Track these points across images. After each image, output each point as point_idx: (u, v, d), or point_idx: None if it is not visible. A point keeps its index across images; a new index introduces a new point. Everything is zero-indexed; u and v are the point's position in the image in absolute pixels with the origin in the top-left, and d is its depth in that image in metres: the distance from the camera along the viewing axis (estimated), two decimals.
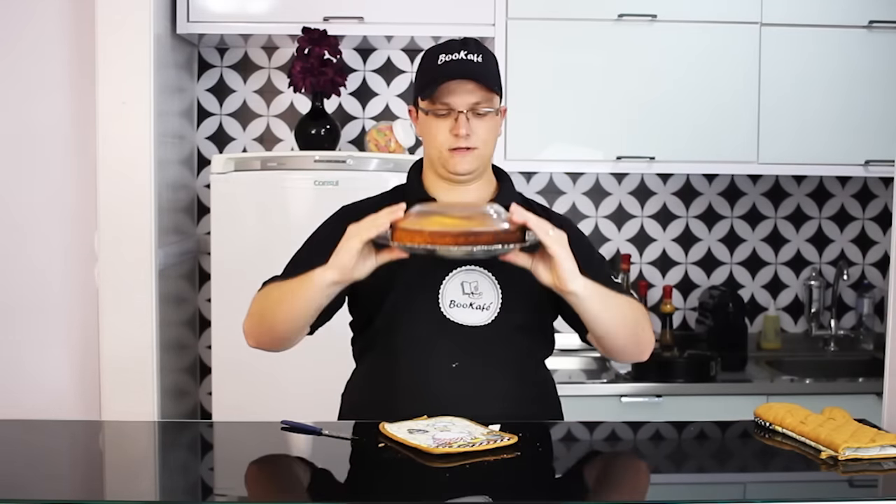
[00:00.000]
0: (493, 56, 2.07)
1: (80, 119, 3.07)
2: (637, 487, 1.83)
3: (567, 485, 1.78)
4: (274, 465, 1.88)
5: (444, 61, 1.99)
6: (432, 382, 2.01)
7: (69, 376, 3.15)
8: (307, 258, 2.06)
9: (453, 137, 2.00)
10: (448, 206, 1.99)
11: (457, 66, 1.98)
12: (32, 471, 1.79)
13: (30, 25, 3.07)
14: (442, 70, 1.99)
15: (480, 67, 2.00)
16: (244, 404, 2.96)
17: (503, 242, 1.82)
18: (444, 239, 1.79)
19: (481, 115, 2.00)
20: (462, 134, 1.99)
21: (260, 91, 3.56)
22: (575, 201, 3.66)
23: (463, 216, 1.86)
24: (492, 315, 2.04)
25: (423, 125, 2.05)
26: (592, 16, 3.27)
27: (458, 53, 1.99)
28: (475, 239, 1.80)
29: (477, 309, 2.04)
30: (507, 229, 1.83)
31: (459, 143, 1.99)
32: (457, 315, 2.03)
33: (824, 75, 3.33)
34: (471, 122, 2.00)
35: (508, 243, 1.83)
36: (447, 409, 1.96)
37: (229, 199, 2.97)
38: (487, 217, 1.87)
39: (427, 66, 2.03)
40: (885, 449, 1.82)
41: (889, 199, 3.72)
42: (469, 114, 1.99)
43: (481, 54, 2.01)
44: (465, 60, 1.99)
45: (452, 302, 2.04)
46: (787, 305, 3.76)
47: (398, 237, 1.84)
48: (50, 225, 3.12)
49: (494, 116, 2.03)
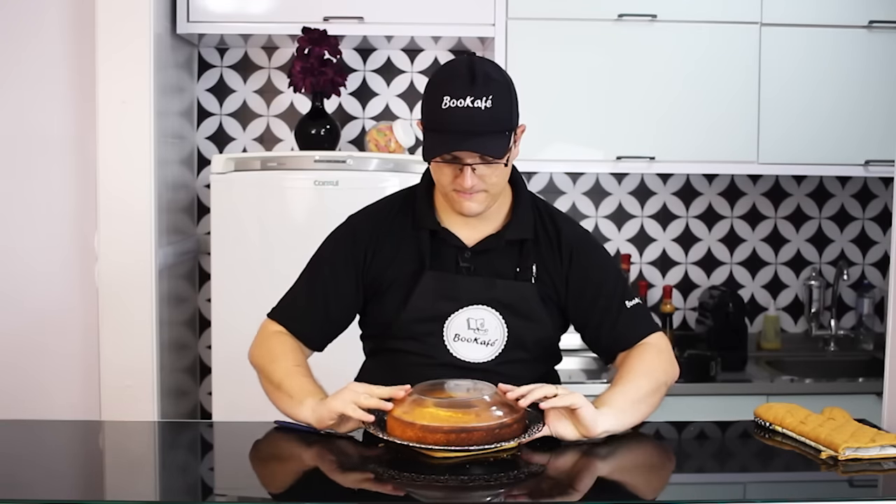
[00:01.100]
0: (504, 85, 1.90)
1: (80, 119, 3.06)
2: (638, 488, 1.83)
3: (567, 485, 1.78)
4: (274, 465, 1.88)
5: (448, 106, 1.84)
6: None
7: (69, 376, 3.14)
8: (316, 278, 2.07)
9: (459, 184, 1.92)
10: (447, 393, 1.87)
11: (463, 119, 1.84)
12: (32, 471, 1.79)
13: (30, 25, 3.07)
14: (447, 121, 1.85)
15: (488, 117, 1.85)
16: (244, 404, 2.94)
17: (498, 440, 1.78)
18: (435, 436, 1.77)
19: (489, 162, 1.90)
20: (467, 186, 1.91)
21: (260, 91, 3.56)
22: (575, 201, 3.66)
23: (459, 406, 1.81)
24: (496, 351, 2.02)
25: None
26: (592, 16, 3.27)
27: (463, 99, 1.84)
28: (467, 437, 1.77)
29: (481, 344, 2.02)
30: (503, 422, 1.79)
31: (465, 190, 1.92)
32: (460, 349, 2.01)
33: (824, 75, 3.33)
34: (478, 169, 1.90)
35: (503, 440, 1.79)
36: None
37: (229, 199, 2.97)
38: (485, 407, 1.82)
39: (432, 105, 1.88)
40: (885, 449, 1.82)
41: (889, 199, 3.72)
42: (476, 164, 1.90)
43: (490, 96, 1.85)
44: (472, 109, 1.84)
45: (457, 336, 2.01)
46: (787, 305, 3.76)
47: (390, 427, 1.82)
48: (50, 225, 3.12)
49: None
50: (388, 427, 1.83)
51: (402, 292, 1.99)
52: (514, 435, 1.81)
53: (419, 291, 1.99)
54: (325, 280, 2.06)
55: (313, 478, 1.81)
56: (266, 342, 2.09)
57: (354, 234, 2.06)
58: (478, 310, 2.01)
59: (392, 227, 2.05)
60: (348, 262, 2.04)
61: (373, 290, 2.05)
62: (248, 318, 2.99)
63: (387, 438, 1.82)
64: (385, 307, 2.03)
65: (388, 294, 2.02)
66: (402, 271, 2.02)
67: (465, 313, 2.01)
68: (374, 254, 2.03)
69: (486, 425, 1.78)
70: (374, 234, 2.04)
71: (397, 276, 2.02)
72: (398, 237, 2.04)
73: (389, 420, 1.84)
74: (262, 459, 1.90)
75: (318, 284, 2.07)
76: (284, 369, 2.00)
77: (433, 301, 1.99)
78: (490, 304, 2.01)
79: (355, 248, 2.04)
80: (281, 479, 1.80)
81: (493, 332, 2.01)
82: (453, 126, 1.85)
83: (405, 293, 1.99)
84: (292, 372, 1.99)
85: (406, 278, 2.01)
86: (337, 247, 2.08)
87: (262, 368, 2.06)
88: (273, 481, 1.79)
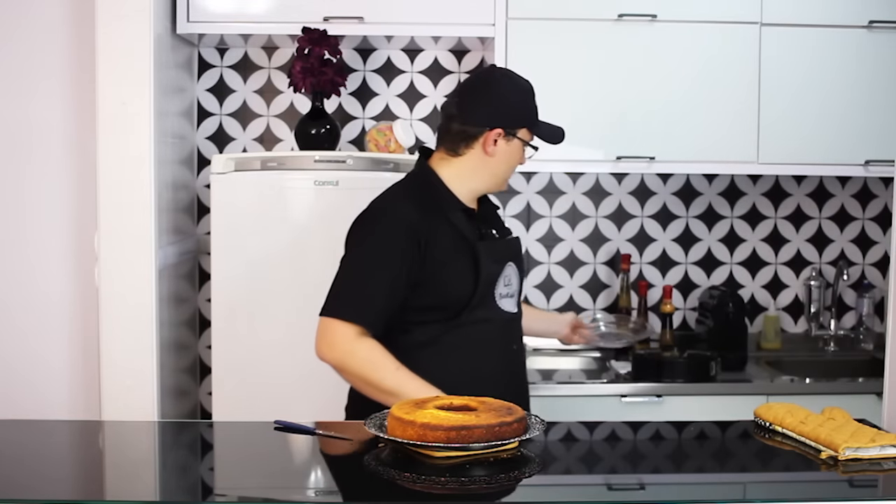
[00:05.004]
0: None
1: (80, 119, 3.06)
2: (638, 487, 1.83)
3: (567, 484, 1.78)
4: (274, 465, 1.88)
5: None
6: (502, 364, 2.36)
7: (69, 376, 3.14)
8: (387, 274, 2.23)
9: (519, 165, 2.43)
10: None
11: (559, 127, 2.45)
12: (32, 471, 1.79)
13: (30, 25, 3.07)
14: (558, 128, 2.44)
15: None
16: (244, 404, 2.96)
17: (499, 438, 1.80)
18: (435, 433, 1.78)
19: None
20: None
21: (260, 91, 3.56)
22: (575, 201, 3.66)
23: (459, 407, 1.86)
24: (518, 301, 2.42)
25: (513, 149, 2.37)
26: (592, 16, 3.26)
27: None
28: (468, 435, 1.78)
29: (510, 297, 2.38)
30: (503, 421, 1.81)
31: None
32: (504, 305, 2.36)
33: (824, 75, 3.33)
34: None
35: (504, 438, 1.81)
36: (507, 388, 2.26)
37: (229, 199, 2.97)
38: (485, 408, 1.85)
39: (534, 106, 2.43)
40: (885, 449, 1.82)
41: (889, 199, 3.72)
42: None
43: None
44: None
45: (500, 294, 2.34)
46: (787, 305, 3.76)
47: (390, 427, 1.84)
48: (50, 225, 3.12)
49: None
50: (389, 427, 1.83)
51: (466, 265, 2.27)
52: (515, 434, 1.82)
53: (482, 261, 2.28)
54: (395, 276, 2.23)
55: (313, 478, 1.81)
56: (358, 350, 2.20)
57: (407, 226, 2.25)
58: (508, 267, 2.37)
59: (430, 213, 2.29)
60: (406, 255, 2.23)
61: (429, 273, 2.25)
62: (248, 318, 3.01)
63: (387, 438, 1.82)
64: (454, 284, 2.27)
65: (447, 273, 2.26)
66: (451, 250, 2.27)
67: (504, 272, 2.35)
68: (426, 242, 2.24)
69: (487, 424, 1.78)
70: (423, 223, 2.26)
71: (449, 256, 2.27)
72: (437, 221, 2.29)
73: (390, 420, 1.84)
74: (262, 459, 1.90)
75: (390, 281, 2.23)
76: (393, 376, 2.18)
77: (489, 266, 2.30)
78: (513, 261, 2.39)
79: (412, 239, 2.24)
80: (281, 479, 1.80)
81: (514, 285, 2.40)
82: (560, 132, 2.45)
83: (470, 265, 2.27)
84: (401, 377, 2.17)
85: (459, 254, 2.28)
86: (395, 240, 2.24)
87: (369, 377, 2.20)
88: (273, 481, 1.79)
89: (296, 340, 2.97)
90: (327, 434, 1.92)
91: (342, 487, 1.77)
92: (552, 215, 3.64)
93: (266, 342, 2.98)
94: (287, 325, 2.96)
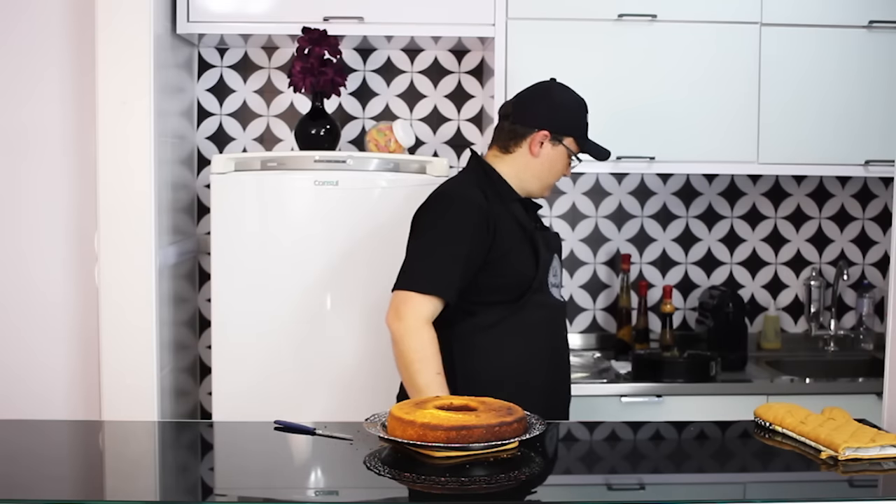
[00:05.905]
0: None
1: (80, 119, 3.07)
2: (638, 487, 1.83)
3: (567, 485, 1.78)
4: (274, 465, 1.88)
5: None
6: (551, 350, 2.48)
7: (69, 376, 3.14)
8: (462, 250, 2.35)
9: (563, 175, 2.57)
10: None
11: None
12: (32, 471, 1.79)
13: (29, 25, 3.07)
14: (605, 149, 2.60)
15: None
16: (244, 404, 2.96)
17: (498, 438, 1.81)
18: (435, 433, 1.78)
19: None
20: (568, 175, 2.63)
21: (260, 91, 3.56)
22: (575, 201, 3.66)
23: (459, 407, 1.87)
24: (562, 290, 2.57)
25: (557, 155, 2.52)
26: (592, 16, 3.26)
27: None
28: (468, 434, 1.78)
29: (557, 287, 2.52)
30: (503, 421, 1.81)
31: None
32: (554, 292, 2.50)
33: (824, 75, 3.33)
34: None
35: (503, 438, 1.81)
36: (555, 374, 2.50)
37: (229, 199, 2.97)
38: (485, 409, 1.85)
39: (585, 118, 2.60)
40: (885, 449, 1.82)
41: (889, 199, 3.72)
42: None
43: None
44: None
45: (550, 283, 2.48)
46: (787, 305, 3.76)
47: (390, 427, 1.84)
48: (50, 225, 3.12)
49: None
50: (389, 427, 1.83)
51: (527, 251, 2.42)
52: (515, 434, 1.82)
53: (540, 249, 2.43)
54: (468, 253, 2.35)
55: (313, 478, 1.82)
56: (420, 333, 2.30)
57: (478, 209, 2.39)
58: (555, 259, 2.52)
59: (493, 200, 2.44)
60: (477, 234, 2.36)
61: (496, 256, 2.38)
62: (249, 318, 3.01)
63: (387, 438, 1.82)
64: (519, 267, 2.41)
65: (513, 255, 2.41)
66: (512, 237, 2.42)
67: (553, 263, 2.49)
68: (495, 228, 2.39)
69: (487, 424, 1.78)
70: (491, 211, 2.40)
71: (513, 241, 2.41)
72: (500, 208, 2.44)
73: (390, 420, 1.84)
74: (262, 459, 1.90)
75: (464, 257, 2.34)
76: (429, 375, 2.27)
77: (545, 255, 2.44)
78: (557, 253, 2.54)
79: (482, 221, 2.37)
80: (281, 479, 1.80)
81: (559, 277, 2.54)
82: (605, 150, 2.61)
83: (530, 251, 2.43)
84: (436, 381, 2.27)
85: (520, 242, 2.43)
86: (467, 220, 2.37)
87: (411, 363, 2.29)
88: (273, 481, 1.79)
89: (296, 340, 2.97)
90: (327, 434, 1.92)
91: (342, 488, 1.77)
92: (552, 215, 3.64)
93: (266, 342, 2.98)
94: (287, 325, 2.96)
